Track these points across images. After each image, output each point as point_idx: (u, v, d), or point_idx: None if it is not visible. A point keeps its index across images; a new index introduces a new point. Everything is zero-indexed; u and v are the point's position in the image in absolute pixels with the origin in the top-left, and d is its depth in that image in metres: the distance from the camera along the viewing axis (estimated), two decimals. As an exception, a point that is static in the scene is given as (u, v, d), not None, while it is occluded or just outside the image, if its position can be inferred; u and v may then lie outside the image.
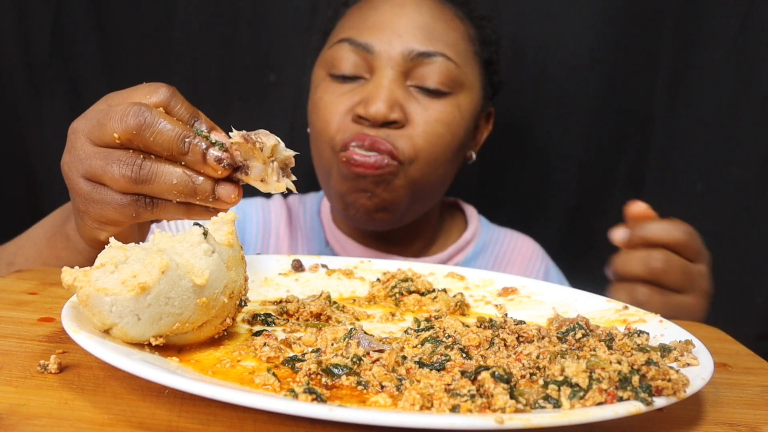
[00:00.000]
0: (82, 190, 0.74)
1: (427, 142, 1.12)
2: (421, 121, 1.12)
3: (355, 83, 1.15)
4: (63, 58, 1.57)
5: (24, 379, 0.53)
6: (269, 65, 1.59)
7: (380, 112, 1.08)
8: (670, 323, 0.72)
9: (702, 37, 1.48)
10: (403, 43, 1.12)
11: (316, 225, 1.34)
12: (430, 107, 1.13)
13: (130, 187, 0.71)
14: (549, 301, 0.83)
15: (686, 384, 0.54)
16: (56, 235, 0.92)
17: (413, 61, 1.12)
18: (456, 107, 1.16)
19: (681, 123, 1.52)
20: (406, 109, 1.12)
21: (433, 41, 1.14)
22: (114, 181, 0.71)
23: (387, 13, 1.15)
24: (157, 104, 0.72)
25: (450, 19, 1.18)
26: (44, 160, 1.61)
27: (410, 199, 1.16)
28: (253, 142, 0.71)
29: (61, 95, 1.58)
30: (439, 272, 0.90)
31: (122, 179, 0.70)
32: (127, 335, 0.55)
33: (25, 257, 0.97)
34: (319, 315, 0.73)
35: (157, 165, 0.70)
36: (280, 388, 0.52)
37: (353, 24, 1.18)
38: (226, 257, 0.60)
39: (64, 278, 0.54)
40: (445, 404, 0.49)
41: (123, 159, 0.70)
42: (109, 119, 0.70)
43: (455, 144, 1.18)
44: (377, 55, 1.13)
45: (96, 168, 0.72)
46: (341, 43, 1.16)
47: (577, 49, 1.54)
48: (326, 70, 1.19)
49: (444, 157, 1.17)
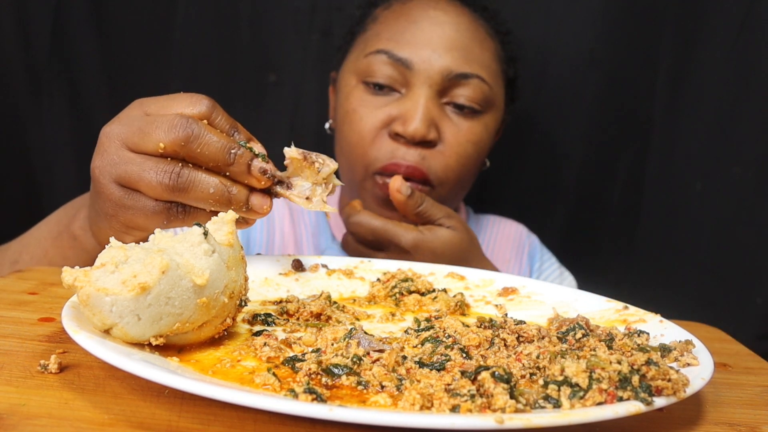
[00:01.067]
0: (114, 195, 0.74)
1: (458, 163, 1.17)
2: (454, 142, 1.16)
3: (389, 96, 1.16)
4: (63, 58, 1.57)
5: (24, 379, 0.53)
6: (269, 65, 1.59)
7: (419, 132, 1.11)
8: (670, 323, 0.72)
9: (702, 37, 1.48)
10: (442, 62, 1.14)
11: (322, 220, 1.35)
12: (462, 126, 1.17)
13: (167, 194, 0.72)
14: (549, 301, 0.83)
15: (686, 384, 0.54)
16: (62, 235, 0.93)
17: (450, 81, 1.15)
18: (484, 127, 1.20)
19: (681, 123, 1.52)
20: (440, 128, 1.15)
21: (469, 62, 1.16)
22: (150, 188, 0.72)
23: (426, 30, 1.16)
24: (199, 115, 0.74)
25: (484, 38, 1.21)
26: (44, 160, 1.60)
27: None
28: (312, 162, 0.75)
29: (61, 95, 1.58)
30: (439, 272, 0.90)
31: (159, 187, 0.71)
32: (128, 335, 0.55)
33: (30, 256, 0.97)
34: (319, 315, 0.73)
35: (194, 174, 0.72)
36: (280, 388, 0.52)
37: (391, 35, 1.18)
38: (227, 257, 0.60)
39: (65, 278, 0.54)
40: (445, 404, 0.49)
41: (161, 167, 0.72)
42: (155, 128, 0.71)
43: (480, 161, 1.23)
44: (416, 72, 1.14)
45: (132, 174, 0.72)
46: (379, 54, 1.17)
47: (577, 49, 1.54)
48: (359, 77, 1.19)
49: (469, 176, 1.23)
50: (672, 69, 1.51)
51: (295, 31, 1.57)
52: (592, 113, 1.57)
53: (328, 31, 1.57)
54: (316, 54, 1.58)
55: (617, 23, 1.52)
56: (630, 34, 1.52)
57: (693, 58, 1.50)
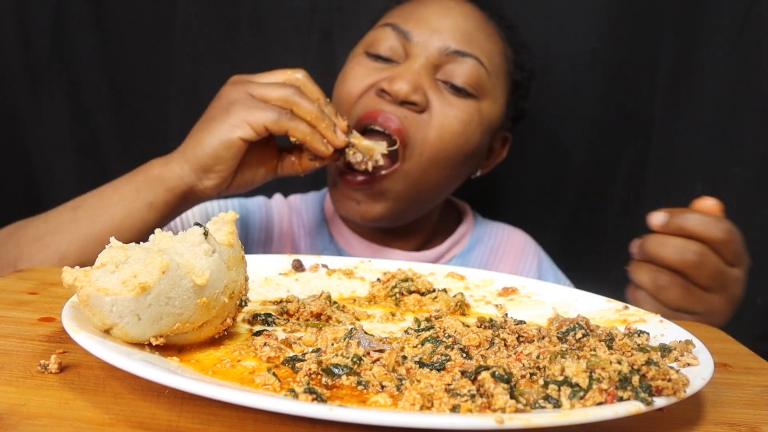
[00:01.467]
0: (243, 99, 1.00)
1: (438, 138, 1.13)
2: (440, 113, 1.14)
3: (388, 64, 1.18)
4: (63, 58, 1.57)
5: (24, 379, 0.53)
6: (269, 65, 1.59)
7: (403, 89, 1.10)
8: (670, 323, 0.72)
9: (702, 37, 1.48)
10: (442, 39, 1.16)
11: (320, 220, 1.36)
12: (452, 102, 1.15)
13: (287, 98, 1.00)
14: (549, 301, 0.83)
15: (686, 384, 0.54)
16: (145, 176, 1.03)
17: (447, 57, 1.15)
18: (477, 111, 1.17)
19: (681, 123, 1.52)
20: (428, 97, 1.14)
21: (470, 44, 1.17)
22: (276, 92, 1.00)
23: (435, 12, 1.19)
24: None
25: (492, 33, 1.22)
26: (44, 160, 1.61)
27: (403, 202, 1.18)
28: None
29: (61, 95, 1.58)
30: (439, 272, 0.90)
31: (285, 93, 1.00)
32: (128, 335, 0.55)
33: (100, 196, 1.03)
34: (320, 315, 0.73)
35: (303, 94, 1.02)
36: (280, 388, 0.52)
37: (400, 14, 1.22)
38: (227, 257, 0.60)
39: (65, 278, 0.54)
40: (445, 404, 0.49)
41: (283, 87, 1.01)
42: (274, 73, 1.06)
43: (467, 148, 1.18)
44: (414, 44, 1.16)
45: (263, 89, 1.01)
46: (384, 27, 1.20)
47: (578, 48, 1.54)
48: (364, 48, 1.22)
49: (452, 159, 1.17)
50: (672, 69, 1.51)
51: (295, 31, 1.57)
52: (592, 113, 1.57)
53: (328, 31, 1.57)
54: (316, 54, 1.58)
55: (618, 23, 1.52)
56: (631, 34, 1.52)
57: (693, 58, 1.49)
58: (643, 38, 1.52)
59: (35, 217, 1.05)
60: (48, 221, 1.02)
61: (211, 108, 1.04)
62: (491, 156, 1.33)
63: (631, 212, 1.59)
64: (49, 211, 1.05)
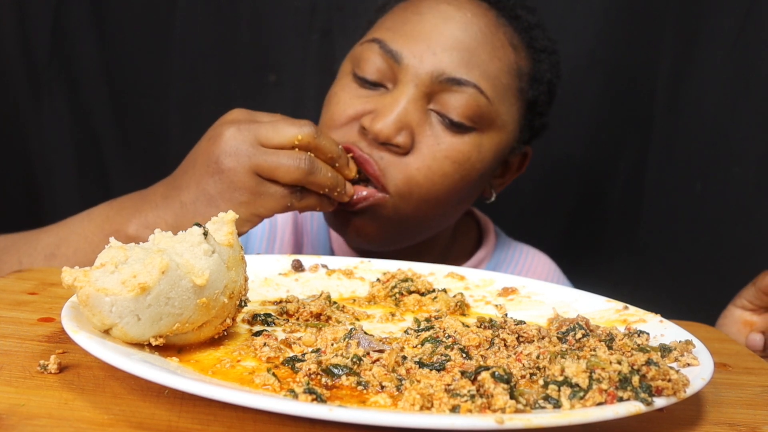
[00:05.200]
0: (249, 184, 0.88)
1: (427, 179, 1.01)
2: (428, 154, 1.00)
3: (375, 91, 1.04)
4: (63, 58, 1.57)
5: (24, 379, 0.53)
6: (269, 65, 1.59)
7: (384, 131, 0.98)
8: (670, 323, 0.72)
9: (702, 37, 1.48)
10: (436, 62, 1.00)
11: (323, 234, 1.30)
12: (443, 140, 1.01)
13: (302, 178, 0.88)
14: (549, 301, 0.83)
15: (686, 384, 0.54)
16: (117, 234, 0.93)
17: (440, 84, 1.00)
18: (475, 147, 1.03)
19: (681, 123, 1.52)
20: (416, 136, 1.00)
21: (469, 68, 1.01)
22: (288, 173, 0.87)
23: (429, 23, 1.02)
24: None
25: (500, 45, 1.05)
26: (44, 160, 1.61)
27: (396, 233, 1.07)
28: None
29: (61, 95, 1.58)
30: (439, 272, 0.90)
31: (297, 171, 0.87)
32: (127, 335, 0.55)
33: (74, 249, 0.97)
34: (319, 315, 0.73)
35: (318, 161, 0.90)
36: (280, 388, 0.52)
37: (392, 24, 1.06)
38: (227, 257, 0.60)
39: (64, 278, 0.54)
40: (445, 404, 0.49)
41: (297, 155, 0.88)
42: (288, 126, 0.89)
43: (464, 186, 1.05)
44: (404, 68, 1.01)
45: (271, 163, 0.87)
46: (372, 43, 1.05)
47: (577, 49, 1.54)
48: (352, 66, 1.08)
49: (447, 198, 1.04)
50: (672, 69, 1.51)
51: (295, 31, 1.57)
52: (592, 113, 1.57)
53: (328, 31, 1.57)
54: (316, 54, 1.58)
55: (618, 23, 1.52)
56: (630, 34, 1.52)
57: (693, 58, 1.50)
58: (643, 38, 1.52)
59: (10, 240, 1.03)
60: (22, 262, 0.98)
61: (206, 152, 0.90)
62: (507, 173, 1.20)
63: (631, 212, 1.59)
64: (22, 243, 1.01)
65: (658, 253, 1.58)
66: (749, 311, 1.00)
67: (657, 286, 1.55)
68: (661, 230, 1.57)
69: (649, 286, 1.54)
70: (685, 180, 1.53)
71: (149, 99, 1.61)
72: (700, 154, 1.51)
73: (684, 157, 1.53)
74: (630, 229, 1.60)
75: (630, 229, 1.60)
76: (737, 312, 1.01)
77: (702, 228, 1.53)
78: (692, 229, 1.54)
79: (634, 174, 1.58)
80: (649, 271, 1.58)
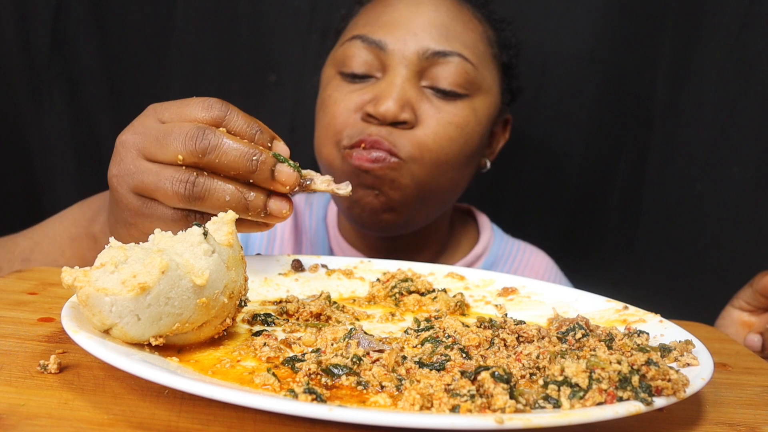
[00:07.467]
0: (132, 205, 0.75)
1: (436, 144, 1.08)
2: (433, 123, 1.08)
3: (365, 82, 1.11)
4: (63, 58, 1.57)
5: (24, 379, 0.53)
6: (269, 65, 1.59)
7: (390, 111, 1.04)
8: (670, 323, 0.72)
9: (702, 37, 1.48)
10: (419, 41, 1.08)
11: (321, 231, 1.31)
12: (443, 109, 1.09)
13: (183, 204, 0.72)
14: (549, 301, 0.83)
15: (686, 384, 0.54)
16: (81, 236, 0.92)
17: (428, 60, 1.08)
18: (471, 111, 1.11)
19: (681, 123, 1.52)
20: (417, 110, 1.08)
21: (449, 40, 1.09)
22: (167, 198, 0.72)
23: (403, 11, 1.10)
24: (213, 121, 0.73)
25: (468, 19, 1.14)
26: (44, 160, 1.60)
27: (418, 200, 1.11)
28: (304, 186, 0.78)
29: (61, 95, 1.58)
30: (439, 272, 0.90)
31: (175, 197, 0.71)
32: (127, 335, 0.55)
33: (45, 255, 0.96)
34: (319, 315, 0.73)
35: (210, 182, 0.71)
36: (280, 388, 0.52)
37: (367, 21, 1.13)
38: (226, 257, 0.60)
39: (64, 278, 0.54)
40: (445, 404, 0.49)
41: (177, 176, 0.71)
42: (172, 139, 0.71)
43: (468, 149, 1.13)
44: (390, 54, 1.08)
45: (149, 184, 0.72)
46: (353, 40, 1.11)
47: (577, 49, 1.54)
48: (336, 68, 1.14)
49: (455, 161, 1.11)
50: (672, 69, 1.51)
51: (295, 31, 1.57)
52: (592, 113, 1.57)
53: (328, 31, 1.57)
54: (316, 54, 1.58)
55: (617, 23, 1.52)
56: (630, 33, 1.52)
57: (693, 58, 1.49)
58: (642, 38, 1.52)
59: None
60: (1, 267, 0.98)
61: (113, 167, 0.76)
62: (494, 142, 1.28)
63: (631, 212, 1.59)
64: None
65: (658, 253, 1.57)
66: (747, 312, 1.01)
67: (657, 286, 1.55)
68: (661, 230, 1.57)
69: (649, 286, 1.54)
70: (684, 180, 1.53)
71: (149, 99, 1.60)
72: (700, 154, 1.51)
73: (684, 157, 1.53)
74: (630, 229, 1.60)
75: (630, 229, 1.60)
76: (735, 313, 1.02)
77: (702, 228, 1.53)
78: (692, 229, 1.53)
79: (633, 174, 1.58)
80: (649, 271, 1.58)
